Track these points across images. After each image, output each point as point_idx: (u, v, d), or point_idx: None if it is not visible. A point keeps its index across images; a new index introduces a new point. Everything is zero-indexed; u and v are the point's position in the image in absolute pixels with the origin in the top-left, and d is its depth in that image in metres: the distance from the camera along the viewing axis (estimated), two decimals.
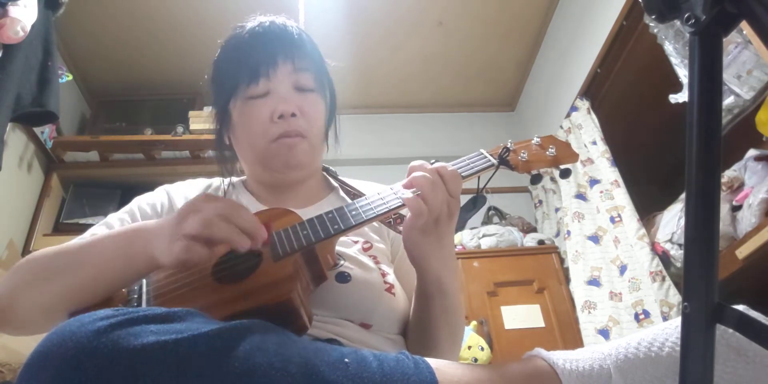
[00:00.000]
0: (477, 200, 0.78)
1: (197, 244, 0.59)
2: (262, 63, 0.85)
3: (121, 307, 0.48)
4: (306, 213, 0.74)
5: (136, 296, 0.69)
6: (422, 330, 0.78)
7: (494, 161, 0.78)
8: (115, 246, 0.68)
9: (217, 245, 0.60)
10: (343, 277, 0.75)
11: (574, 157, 0.83)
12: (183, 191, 0.94)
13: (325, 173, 1.01)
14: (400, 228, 0.75)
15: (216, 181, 0.98)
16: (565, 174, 0.81)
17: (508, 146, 0.81)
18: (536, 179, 0.81)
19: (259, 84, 0.85)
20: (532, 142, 0.83)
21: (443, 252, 0.73)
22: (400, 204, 0.70)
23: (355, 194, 0.92)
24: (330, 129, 0.96)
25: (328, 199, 0.94)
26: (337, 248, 0.76)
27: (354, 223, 0.69)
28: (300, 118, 0.85)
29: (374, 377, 0.49)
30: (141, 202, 0.90)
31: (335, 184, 0.98)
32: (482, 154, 0.80)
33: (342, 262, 0.77)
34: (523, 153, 0.80)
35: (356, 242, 0.84)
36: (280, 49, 0.86)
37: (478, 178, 0.78)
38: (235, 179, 0.98)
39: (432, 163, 0.72)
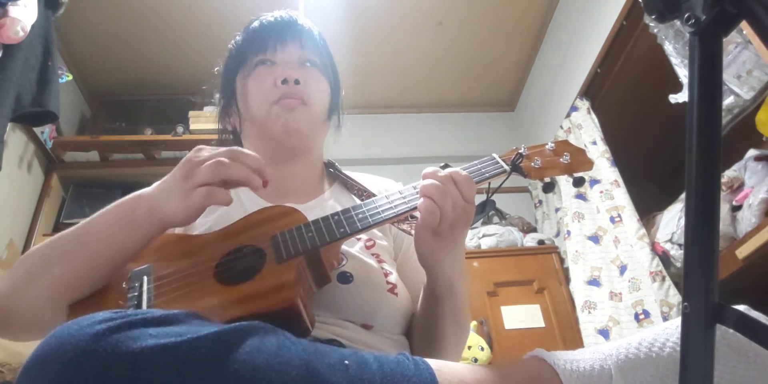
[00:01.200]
0: (486, 204, 0.77)
1: (217, 187, 0.62)
2: (270, 37, 0.90)
3: (120, 310, 0.48)
4: (308, 208, 0.73)
5: (136, 294, 0.68)
6: (429, 330, 0.78)
7: (506, 167, 0.76)
8: (116, 217, 0.67)
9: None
10: (345, 278, 0.74)
11: (588, 164, 0.79)
12: None
13: (329, 167, 0.99)
14: (404, 226, 0.74)
15: None
16: (579, 183, 0.78)
17: (521, 151, 0.78)
18: (548, 188, 0.78)
19: (267, 53, 0.89)
20: (546, 147, 0.80)
21: (456, 257, 0.72)
22: (408, 208, 0.69)
23: (359, 189, 0.91)
24: (333, 117, 0.96)
25: (331, 192, 0.93)
26: None
27: (360, 227, 0.68)
28: (303, 87, 0.88)
29: (374, 379, 0.49)
30: None
31: (338, 175, 0.97)
32: (494, 159, 0.78)
33: (344, 261, 0.76)
34: (537, 159, 0.77)
35: (359, 239, 0.83)
36: (289, 30, 0.91)
37: (489, 182, 0.76)
38: None
39: (443, 168, 0.71)
